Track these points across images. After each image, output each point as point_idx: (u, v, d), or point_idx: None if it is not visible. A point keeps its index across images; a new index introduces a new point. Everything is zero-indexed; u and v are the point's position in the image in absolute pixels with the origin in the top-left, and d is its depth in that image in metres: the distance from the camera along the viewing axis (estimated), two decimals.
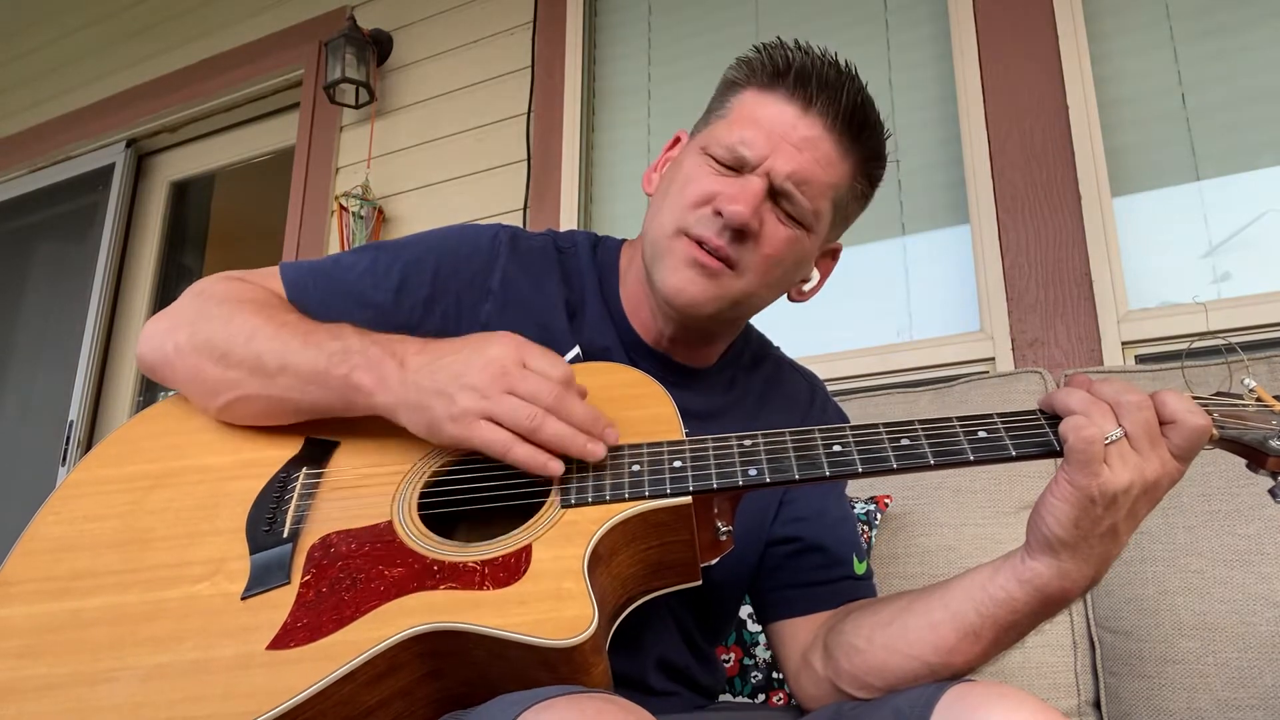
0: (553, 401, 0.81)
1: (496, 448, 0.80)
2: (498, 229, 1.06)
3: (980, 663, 0.84)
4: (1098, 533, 0.76)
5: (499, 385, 0.81)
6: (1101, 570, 0.79)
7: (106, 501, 0.89)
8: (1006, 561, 0.81)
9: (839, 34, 2.37)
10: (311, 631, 0.74)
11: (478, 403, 0.80)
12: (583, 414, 0.83)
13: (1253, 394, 0.82)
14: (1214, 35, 1.96)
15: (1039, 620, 0.82)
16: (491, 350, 0.82)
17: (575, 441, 0.81)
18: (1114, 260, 1.89)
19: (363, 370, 0.85)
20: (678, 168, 1.00)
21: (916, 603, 0.87)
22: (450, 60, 2.85)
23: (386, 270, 1.00)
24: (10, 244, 3.71)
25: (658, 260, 0.97)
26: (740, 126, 0.95)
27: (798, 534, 1.03)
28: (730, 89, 1.00)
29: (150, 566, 0.83)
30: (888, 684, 0.86)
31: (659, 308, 1.00)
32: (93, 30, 3.65)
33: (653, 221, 0.99)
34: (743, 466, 0.83)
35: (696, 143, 1.00)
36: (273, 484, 0.88)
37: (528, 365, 0.83)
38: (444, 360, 0.83)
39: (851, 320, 2.14)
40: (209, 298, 0.96)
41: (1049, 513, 0.76)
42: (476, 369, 0.81)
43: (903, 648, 0.85)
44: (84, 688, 0.74)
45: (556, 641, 0.70)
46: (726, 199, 0.93)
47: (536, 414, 0.80)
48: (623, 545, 0.82)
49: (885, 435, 0.83)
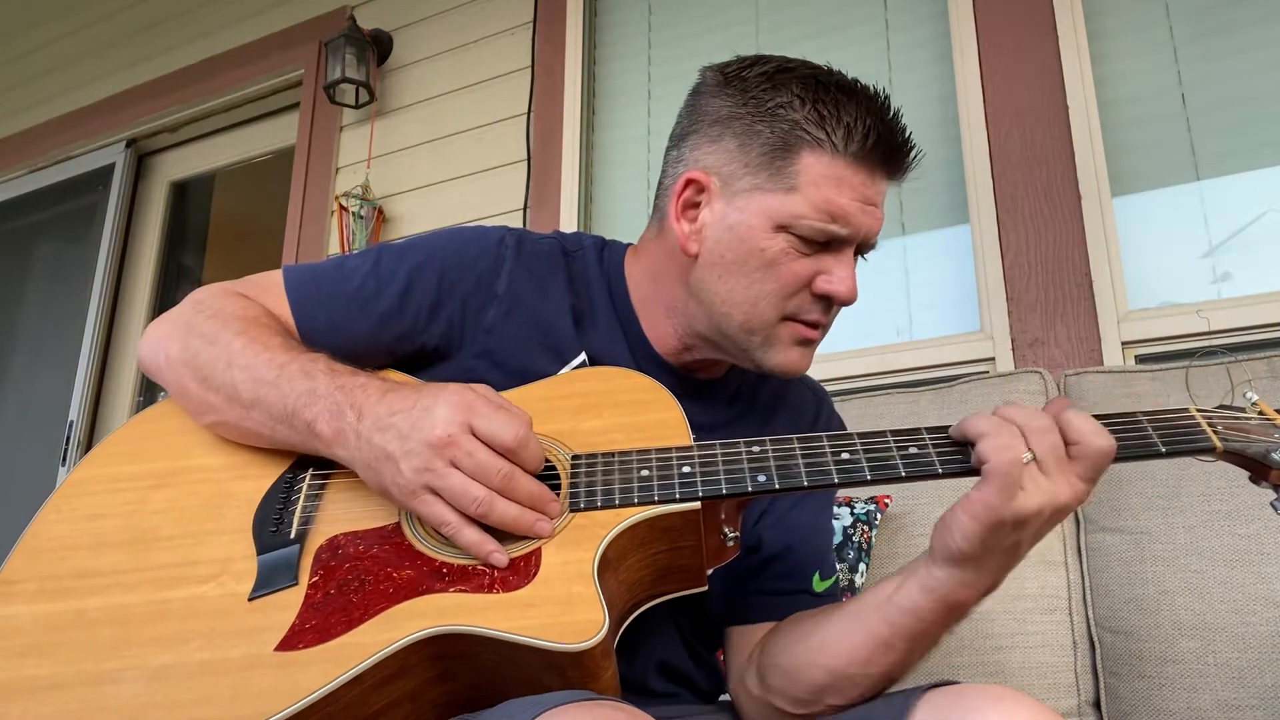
0: (500, 481, 0.78)
1: (445, 530, 0.79)
2: (504, 232, 1.04)
3: (899, 672, 0.85)
4: (1002, 548, 0.77)
5: (444, 457, 0.78)
6: (1000, 578, 0.80)
7: (109, 500, 0.89)
8: (911, 573, 0.82)
9: (839, 34, 2.37)
10: (320, 633, 0.74)
11: (421, 476, 0.78)
12: (529, 490, 0.80)
13: (1255, 407, 0.83)
14: (1214, 35, 1.96)
15: (946, 627, 0.82)
16: (438, 412, 0.79)
17: (524, 521, 0.79)
18: (1114, 260, 1.89)
19: (324, 420, 0.83)
20: (744, 241, 0.93)
21: (833, 615, 0.88)
22: (450, 60, 2.85)
23: (390, 275, 0.98)
24: (10, 244, 3.71)
25: (765, 345, 0.95)
26: (825, 205, 0.90)
27: (764, 540, 1.02)
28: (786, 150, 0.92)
29: (155, 566, 0.82)
30: (813, 695, 0.87)
31: (690, 336, 1.00)
32: (93, 30, 3.64)
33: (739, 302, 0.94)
34: (752, 473, 0.82)
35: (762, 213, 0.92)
36: (278, 484, 0.88)
37: (475, 430, 0.79)
38: (394, 419, 0.80)
39: (851, 320, 2.13)
40: (202, 309, 0.96)
41: (957, 528, 0.76)
42: (421, 435, 0.78)
43: (820, 659, 0.86)
44: (89, 688, 0.74)
45: (567, 645, 0.70)
46: (830, 283, 0.92)
47: (483, 499, 0.77)
48: (631, 550, 0.82)
49: (893, 443, 0.83)
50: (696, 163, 0.97)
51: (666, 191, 1.00)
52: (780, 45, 2.36)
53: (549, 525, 0.80)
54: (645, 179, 2.53)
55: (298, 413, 0.85)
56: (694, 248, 0.96)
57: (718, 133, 0.96)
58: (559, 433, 0.89)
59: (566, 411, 0.91)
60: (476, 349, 0.98)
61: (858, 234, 0.92)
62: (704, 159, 0.96)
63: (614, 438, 0.88)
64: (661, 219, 1.01)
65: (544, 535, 0.80)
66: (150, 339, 0.97)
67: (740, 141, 0.94)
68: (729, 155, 0.94)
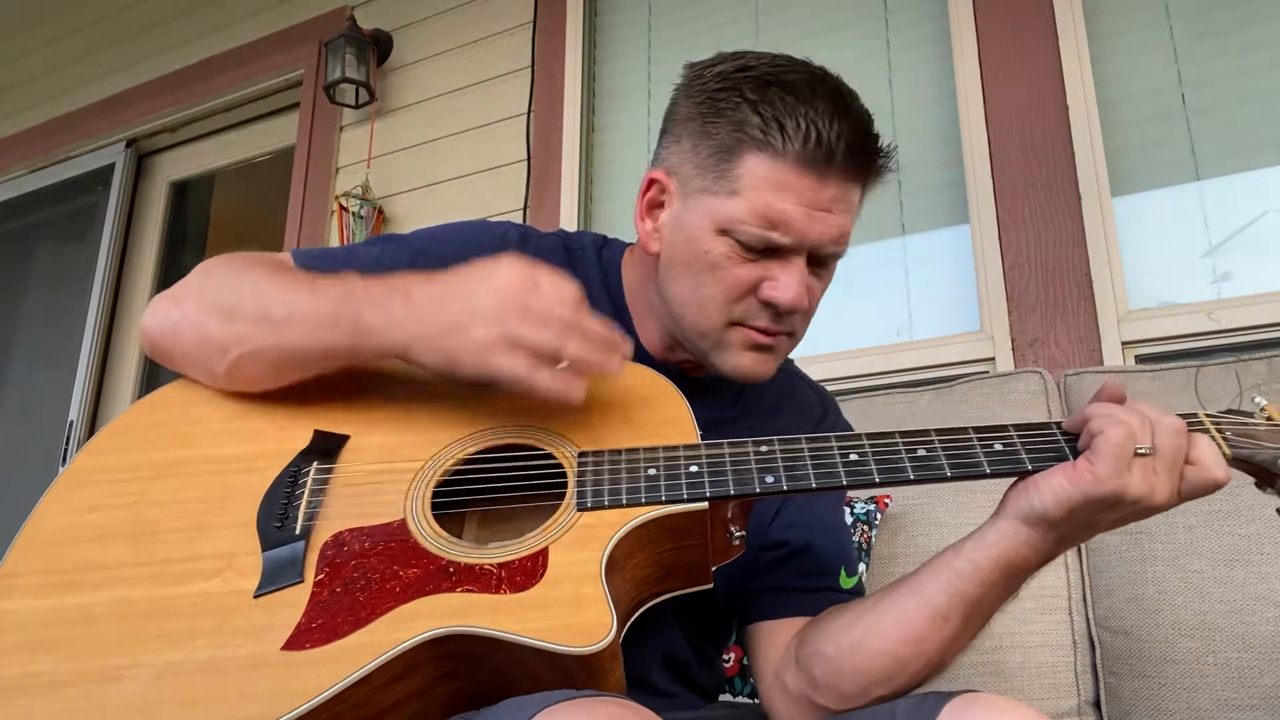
0: (571, 318, 0.80)
1: (520, 376, 0.79)
2: (508, 226, 1.05)
3: (951, 651, 0.84)
4: (1081, 522, 0.78)
5: (514, 310, 0.79)
6: (1060, 551, 0.81)
7: (111, 491, 0.87)
8: (968, 540, 0.83)
9: (838, 34, 2.37)
10: (327, 633, 0.73)
11: (494, 330, 0.79)
12: (597, 329, 0.82)
13: (1263, 412, 0.83)
14: (1214, 35, 1.96)
15: (1002, 596, 0.83)
16: (500, 275, 0.81)
17: (593, 358, 0.81)
18: (1114, 260, 1.89)
19: (369, 309, 0.83)
20: (692, 243, 0.92)
21: (884, 597, 0.87)
22: (450, 60, 2.85)
23: (395, 261, 0.99)
24: (10, 244, 3.70)
25: (716, 349, 0.95)
26: (764, 210, 0.88)
27: (788, 539, 1.02)
28: (729, 153, 0.90)
29: (159, 560, 0.81)
30: (861, 686, 0.86)
31: (669, 337, 1.00)
32: (93, 30, 3.64)
33: (687, 304, 0.94)
34: (760, 474, 0.82)
35: (707, 215, 0.91)
36: (283, 478, 0.86)
37: (538, 285, 0.81)
38: (452, 290, 0.82)
39: (851, 320, 2.14)
40: (215, 268, 0.95)
41: (1050, 490, 0.77)
42: (488, 297, 0.80)
43: (872, 644, 0.85)
44: (94, 685, 0.73)
45: (576, 648, 0.70)
46: (774, 290, 0.90)
47: (556, 336, 0.79)
48: (638, 549, 0.81)
49: (902, 445, 0.83)
50: (662, 162, 0.97)
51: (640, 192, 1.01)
52: (780, 45, 2.35)
53: (619, 360, 0.83)
54: None
55: (340, 312, 0.84)
56: (654, 247, 0.97)
57: (679, 133, 0.96)
58: (564, 428, 0.89)
59: (572, 406, 0.91)
60: None
61: (803, 241, 0.89)
62: (668, 159, 0.97)
63: (620, 434, 0.87)
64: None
65: (613, 370, 0.83)
66: (157, 307, 0.94)
67: (694, 142, 0.93)
68: (684, 156, 0.94)
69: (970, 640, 0.85)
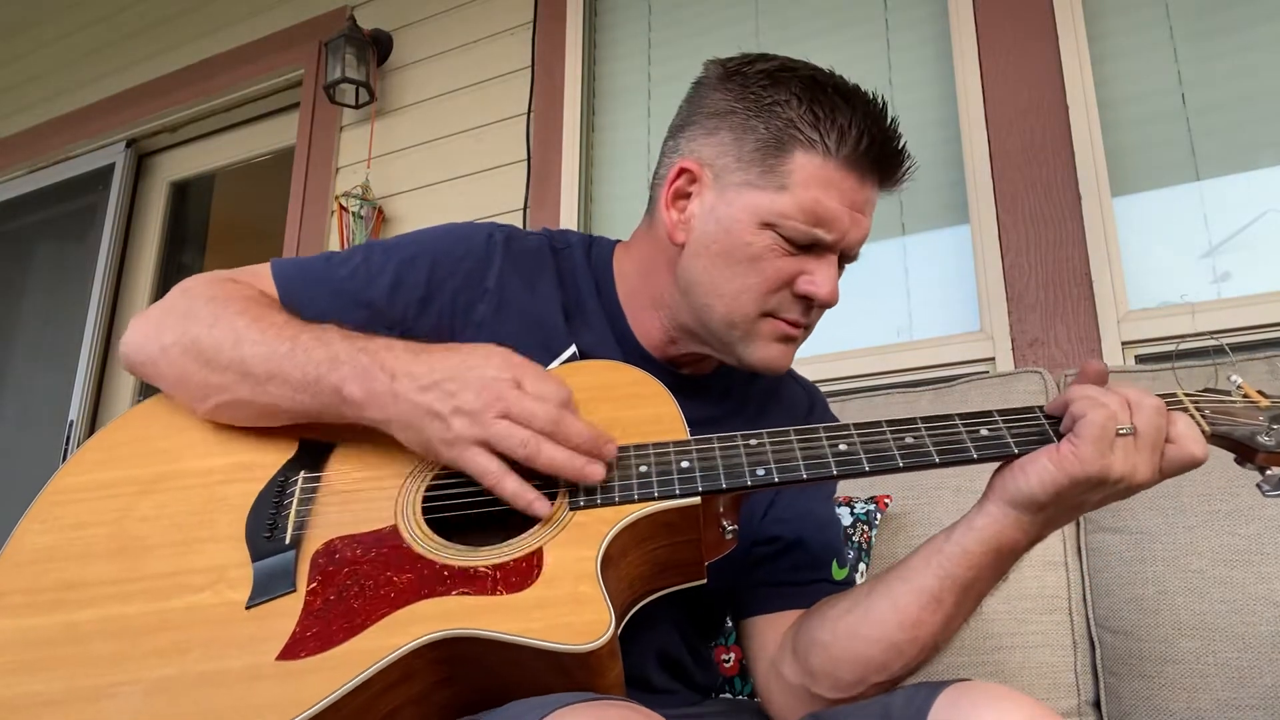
0: (549, 425, 0.80)
1: (488, 479, 0.79)
2: (492, 228, 1.04)
3: (945, 635, 0.86)
4: (1067, 505, 0.80)
5: (493, 410, 0.79)
6: (1047, 533, 0.83)
7: (94, 508, 0.86)
8: (957, 525, 0.84)
9: (839, 34, 2.37)
10: (322, 641, 0.73)
11: (470, 429, 0.79)
12: (582, 434, 0.81)
13: (1239, 390, 0.85)
14: (1214, 35, 1.96)
15: (992, 578, 0.84)
16: (487, 371, 0.81)
17: (573, 465, 0.80)
18: (1114, 260, 1.89)
19: (351, 381, 0.83)
20: (729, 235, 0.94)
21: (877, 585, 0.88)
22: (450, 60, 2.85)
23: (380, 269, 0.99)
24: (10, 244, 3.70)
25: (745, 339, 0.96)
26: (813, 207, 0.91)
27: (780, 534, 1.03)
28: (779, 149, 0.92)
29: (147, 576, 0.80)
30: (858, 674, 0.87)
31: (675, 329, 1.00)
32: (93, 30, 3.64)
33: (720, 294, 0.95)
34: (751, 466, 0.83)
35: (749, 208, 0.93)
36: (270, 488, 0.86)
37: (523, 387, 0.81)
38: (438, 377, 0.81)
39: (851, 320, 2.14)
40: (195, 297, 0.94)
41: (1035, 474, 0.79)
42: (471, 390, 0.80)
43: (867, 630, 0.86)
44: (85, 704, 0.71)
45: (574, 646, 0.70)
46: (812, 284, 0.93)
47: (530, 440, 0.79)
48: (632, 546, 0.81)
49: (890, 434, 0.84)
50: (692, 153, 0.98)
51: (660, 180, 1.01)
52: (780, 45, 2.36)
53: (600, 470, 0.81)
54: (645, 179, 2.51)
55: (322, 379, 0.84)
56: (681, 236, 0.98)
57: (714, 125, 0.97)
58: None
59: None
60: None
61: (841, 241, 0.93)
62: (699, 150, 0.97)
63: (610, 433, 0.87)
64: (654, 209, 1.02)
65: (595, 479, 0.81)
66: (138, 333, 0.95)
67: (735, 136, 0.95)
68: (723, 148, 0.96)
69: (964, 622, 0.87)
